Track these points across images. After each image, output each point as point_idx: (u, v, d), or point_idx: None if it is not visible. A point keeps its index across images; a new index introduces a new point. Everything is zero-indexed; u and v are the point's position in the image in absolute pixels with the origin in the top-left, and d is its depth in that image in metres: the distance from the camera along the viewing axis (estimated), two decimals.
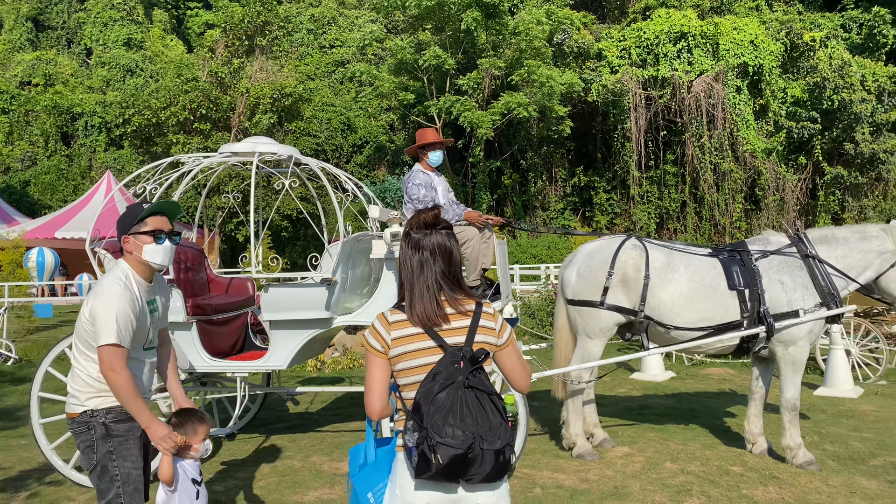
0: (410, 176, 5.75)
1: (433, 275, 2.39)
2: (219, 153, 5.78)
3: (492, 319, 2.44)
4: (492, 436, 2.21)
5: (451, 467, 2.19)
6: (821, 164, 28.12)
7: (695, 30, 29.24)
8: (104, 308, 2.98)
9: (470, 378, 2.25)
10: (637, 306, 5.65)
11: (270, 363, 5.47)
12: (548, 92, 27.50)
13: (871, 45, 30.03)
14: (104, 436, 3.07)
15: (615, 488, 5.01)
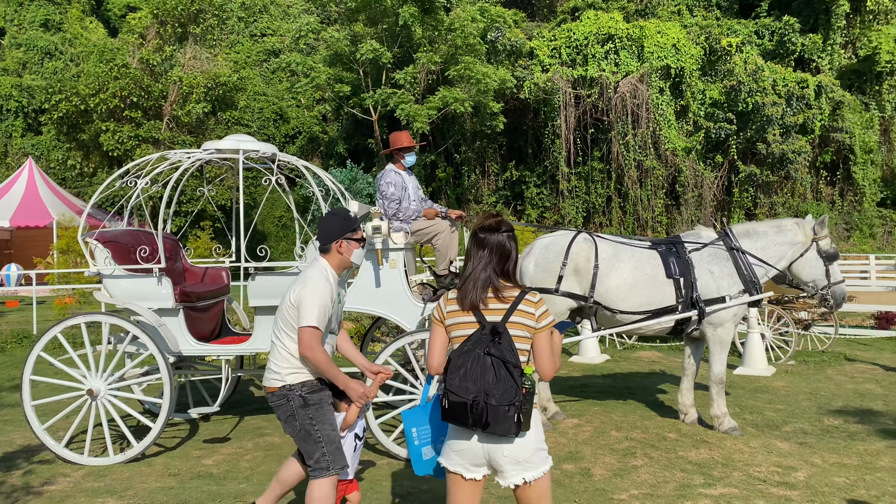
0: (384, 175, 6.21)
1: (488, 269, 2.88)
2: (203, 150, 6.06)
3: (533, 306, 2.86)
4: (496, 393, 2.65)
5: (456, 412, 2.70)
6: (736, 162, 29.89)
7: (621, 32, 30.52)
8: (310, 295, 3.55)
9: (491, 347, 2.74)
10: (587, 293, 6.32)
11: (255, 346, 5.81)
12: (483, 88, 28.20)
13: (781, 51, 32.07)
14: (302, 405, 3.62)
15: (570, 453, 5.65)
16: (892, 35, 30.43)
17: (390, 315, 5.86)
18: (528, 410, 2.72)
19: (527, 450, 2.78)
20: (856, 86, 31.30)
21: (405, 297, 5.80)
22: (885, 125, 30.92)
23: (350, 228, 3.74)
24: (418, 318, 5.81)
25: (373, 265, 5.78)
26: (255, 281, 5.67)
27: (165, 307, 5.71)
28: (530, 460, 2.79)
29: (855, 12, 31.77)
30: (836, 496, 4.64)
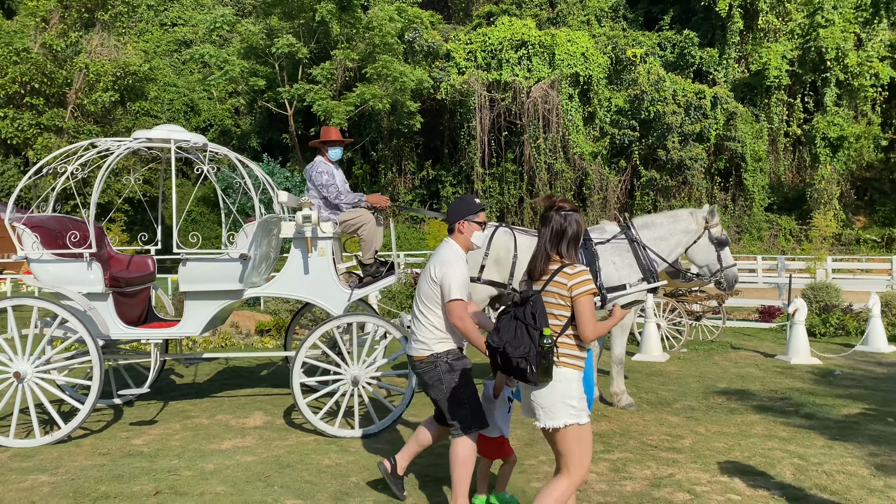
0: (315, 166, 6.45)
1: (545, 244, 3.40)
2: (133, 139, 6.14)
3: (566, 277, 3.31)
4: (514, 347, 3.20)
5: (492, 360, 3.35)
6: (638, 167, 31.49)
7: (534, 39, 31.58)
8: (452, 273, 3.94)
9: (517, 312, 3.29)
10: (507, 280, 6.82)
11: (184, 331, 5.94)
12: (400, 87, 28.59)
13: (681, 63, 34.01)
14: (448, 370, 4.04)
15: None
16: (780, 52, 32.83)
17: (318, 301, 6.12)
18: (544, 365, 3.18)
19: (549, 399, 3.26)
20: (747, 98, 33.59)
21: (333, 284, 6.08)
22: (773, 136, 33.33)
23: (472, 212, 4.14)
24: (345, 303, 6.12)
25: (302, 253, 6.05)
26: (185, 266, 5.83)
27: (95, 291, 5.78)
28: (552, 409, 3.25)
29: (748, 29, 34.07)
30: (716, 457, 5.30)
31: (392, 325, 5.99)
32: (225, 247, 6.19)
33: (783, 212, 32.42)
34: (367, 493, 4.54)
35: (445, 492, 4.58)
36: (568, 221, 3.39)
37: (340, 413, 5.87)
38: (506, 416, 4.23)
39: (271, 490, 4.56)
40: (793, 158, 33.86)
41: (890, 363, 9.49)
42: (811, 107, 33.10)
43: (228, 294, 5.97)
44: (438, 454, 5.28)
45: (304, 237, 6.01)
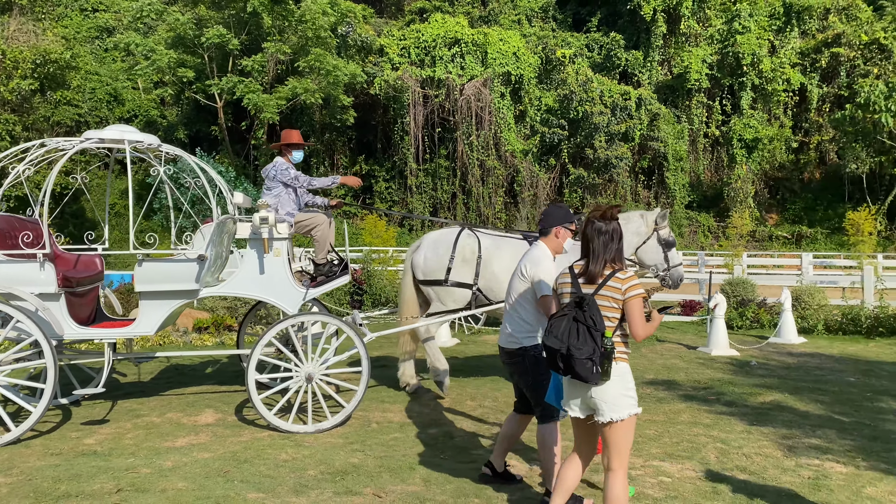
0: (278, 165, 6.58)
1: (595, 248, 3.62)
2: (85, 138, 6.09)
3: (620, 282, 3.55)
4: (578, 348, 3.41)
5: (549, 361, 3.56)
6: (567, 165, 32.40)
7: (467, 37, 32.00)
8: (545, 272, 4.34)
9: (577, 313, 3.50)
10: (472, 281, 7.10)
11: (139, 330, 5.97)
12: (333, 81, 28.46)
13: (608, 64, 35.14)
14: (535, 363, 4.38)
15: (432, 420, 6.40)
16: (700, 56, 34.34)
17: (274, 300, 6.24)
18: (606, 364, 3.44)
19: (612, 394, 3.51)
20: (670, 100, 35.02)
21: (288, 284, 6.22)
22: (693, 136, 34.88)
23: (569, 220, 4.57)
24: (300, 302, 6.26)
25: (258, 253, 6.17)
26: (141, 267, 5.86)
27: (48, 292, 5.74)
28: (616, 402, 3.51)
29: (671, 34, 35.50)
30: (647, 444, 5.74)
31: (345, 322, 6.17)
32: (174, 246, 6.23)
33: (702, 209, 33.97)
34: (326, 484, 4.74)
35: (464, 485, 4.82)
36: (616, 229, 3.67)
37: (294, 409, 6.03)
38: None
39: (232, 485, 4.70)
40: (711, 158, 35.52)
41: (799, 353, 10.27)
42: (729, 109, 34.79)
43: (184, 294, 6.03)
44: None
45: (259, 238, 6.12)
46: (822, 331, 12.05)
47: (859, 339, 11.65)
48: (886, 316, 11.82)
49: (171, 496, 4.48)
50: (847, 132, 29.97)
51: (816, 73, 34.20)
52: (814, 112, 34.49)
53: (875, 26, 33.67)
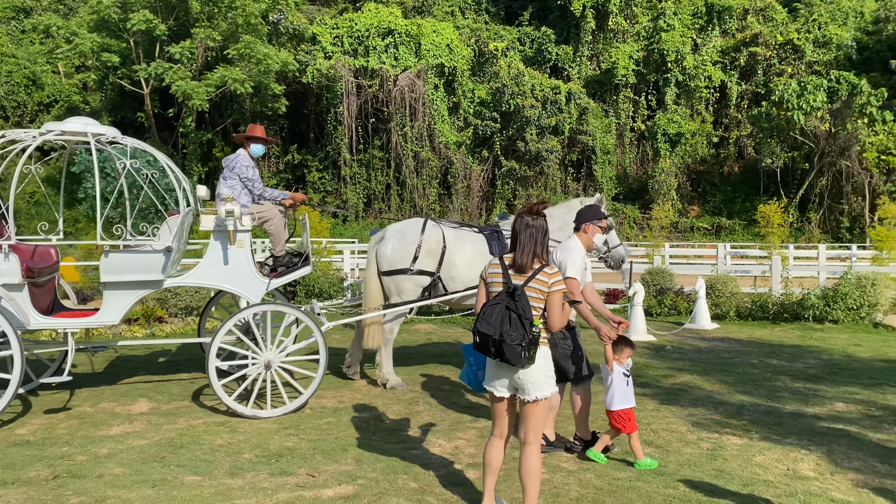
0: (240, 159, 6.74)
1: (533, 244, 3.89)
2: (46, 130, 6.08)
3: (547, 276, 3.85)
4: (510, 335, 3.69)
5: (481, 346, 3.81)
6: (499, 157, 32.95)
7: (400, 28, 32.07)
8: (571, 258, 5.03)
9: (509, 303, 3.77)
10: (435, 269, 7.33)
11: (103, 319, 6.10)
12: (264, 69, 28.10)
13: (539, 59, 35.83)
14: (563, 338, 5.22)
15: (364, 405, 6.66)
16: (627, 52, 35.40)
17: (237, 290, 6.43)
18: (533, 350, 3.75)
19: (537, 375, 3.84)
20: (598, 94, 36.00)
21: (251, 274, 6.41)
22: (620, 130, 35.97)
23: (598, 218, 5.25)
24: (263, 292, 6.47)
25: (221, 244, 6.35)
26: (107, 258, 5.98)
27: (13, 282, 5.80)
28: (540, 382, 3.85)
29: (599, 30, 36.45)
30: (567, 422, 6.15)
31: (303, 312, 6.39)
32: (132, 236, 6.34)
33: (628, 201, 35.12)
34: (261, 466, 4.95)
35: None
36: (542, 225, 3.96)
37: (253, 395, 6.29)
38: (627, 390, 5.15)
39: (169, 469, 4.86)
40: (637, 152, 36.72)
41: (712, 338, 10.98)
42: (654, 104, 36.03)
43: (150, 284, 6.20)
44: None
45: (224, 230, 6.30)
46: (734, 317, 12.85)
47: (766, 324, 12.49)
48: (791, 303, 12.71)
49: (108, 481, 4.61)
50: (763, 128, 31.52)
51: (736, 71, 35.76)
52: (733, 108, 36.08)
53: (789, 27, 35.44)
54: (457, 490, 4.54)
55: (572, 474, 4.87)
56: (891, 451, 5.42)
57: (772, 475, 4.86)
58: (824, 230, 31.59)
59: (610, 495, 4.46)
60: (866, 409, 6.69)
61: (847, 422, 6.22)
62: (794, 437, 5.74)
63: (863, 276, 12.69)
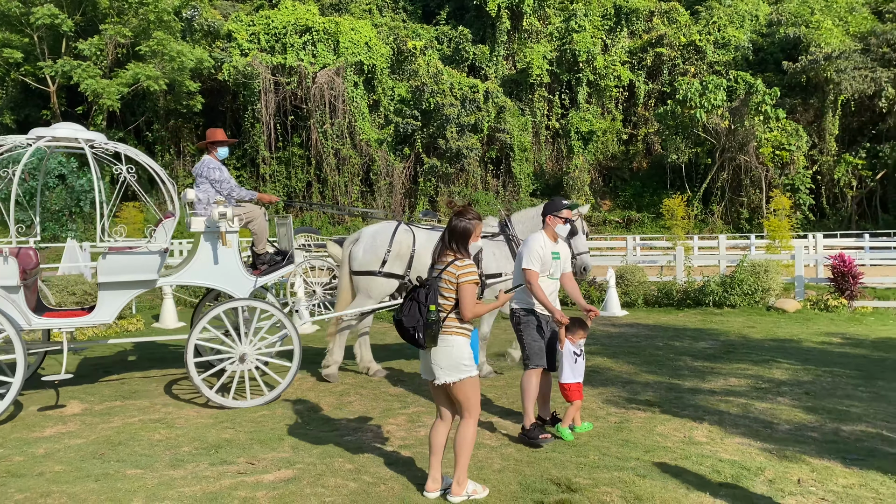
0: (206, 163, 7.02)
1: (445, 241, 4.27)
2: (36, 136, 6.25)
3: (456, 268, 4.16)
4: (407, 319, 4.12)
5: (399, 332, 4.19)
6: (421, 155, 33.39)
7: (318, 25, 31.99)
8: (528, 249, 5.45)
9: (414, 293, 4.17)
10: (405, 272, 7.55)
11: (98, 319, 6.33)
12: (178, 66, 27.54)
13: (457, 57, 36.45)
14: (518, 323, 5.59)
15: (297, 397, 6.94)
16: (541, 53, 36.47)
17: (227, 288, 6.74)
18: (430, 333, 4.09)
19: (447, 361, 4.16)
20: (514, 93, 36.94)
21: (239, 272, 6.75)
22: (536, 128, 37.04)
23: (557, 209, 5.61)
24: (251, 289, 6.80)
25: (211, 245, 6.65)
26: (105, 259, 6.23)
27: (11, 285, 5.99)
28: (450, 368, 4.15)
29: (514, 30, 37.38)
30: (487, 405, 6.62)
31: (279, 310, 6.71)
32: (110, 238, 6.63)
33: (545, 196, 36.21)
34: (201, 457, 5.18)
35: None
36: (462, 225, 4.26)
37: (233, 388, 6.68)
38: (576, 367, 5.60)
39: (109, 464, 5.02)
40: (552, 149, 37.91)
41: (621, 324, 11.74)
42: (567, 103, 37.26)
43: (144, 284, 6.47)
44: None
45: (214, 231, 6.59)
46: (642, 304, 13.72)
47: (671, 310, 13.41)
48: (693, 290, 13.67)
49: (50, 478, 4.74)
50: (669, 126, 33.16)
51: (643, 71, 37.41)
52: (641, 107, 37.74)
53: (692, 29, 37.36)
54: (390, 468, 4.91)
55: (495, 449, 5.32)
56: (773, 418, 6.14)
57: (670, 442, 5.46)
58: (726, 221, 33.55)
59: (528, 466, 4.93)
60: (755, 382, 7.47)
61: (737, 394, 6.95)
62: (690, 410, 6.39)
63: (757, 263, 13.78)
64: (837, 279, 13.27)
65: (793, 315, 12.66)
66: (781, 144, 30.95)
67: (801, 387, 7.25)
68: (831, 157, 33.20)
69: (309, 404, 6.75)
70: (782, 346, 9.65)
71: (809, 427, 5.84)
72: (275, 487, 4.56)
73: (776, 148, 31.05)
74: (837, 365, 8.36)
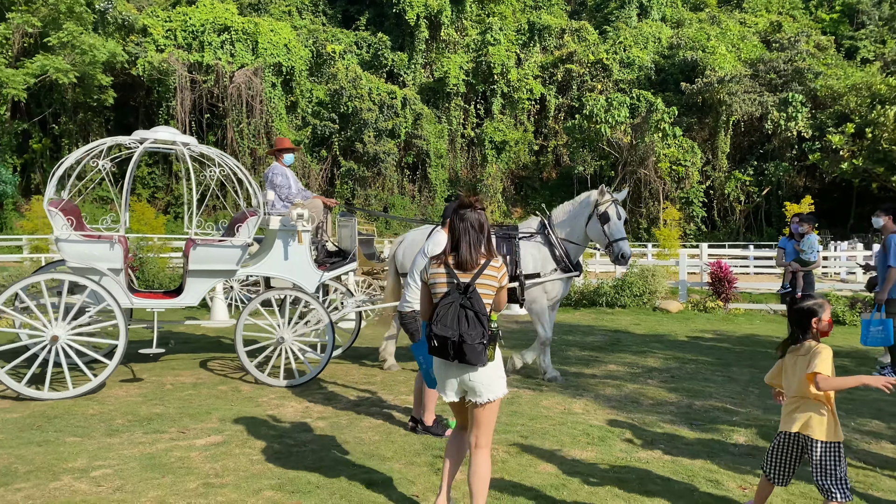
0: (272, 169, 8.03)
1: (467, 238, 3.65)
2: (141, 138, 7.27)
3: (495, 270, 3.63)
4: (469, 334, 3.47)
5: (439, 349, 3.54)
6: (338, 158, 33.84)
7: (237, 25, 31.99)
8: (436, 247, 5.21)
9: (463, 300, 3.54)
10: None
11: (185, 301, 7.15)
12: (89, 59, 27.00)
13: (376, 63, 37.11)
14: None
15: (220, 380, 7.50)
16: (458, 63, 37.62)
17: (297, 280, 7.52)
18: (492, 347, 3.56)
19: (489, 376, 3.62)
20: (431, 101, 37.93)
21: (309, 267, 7.55)
22: (452, 136, 38.14)
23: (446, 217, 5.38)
24: (317, 283, 7.59)
25: (284, 241, 7.47)
26: (196, 250, 7.04)
27: (116, 268, 6.83)
28: (492, 384, 3.63)
29: (433, 40, 38.41)
30: (399, 388, 7.39)
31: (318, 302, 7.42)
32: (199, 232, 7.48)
33: None
34: (135, 428, 5.72)
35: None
36: (484, 218, 3.74)
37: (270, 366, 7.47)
38: None
39: (49, 434, 5.49)
40: (467, 157, 39.12)
41: (523, 322, 12.76)
42: (482, 113, 38.57)
43: (226, 273, 7.33)
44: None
45: (290, 229, 7.38)
46: None
47: (569, 309, 14.58)
48: (589, 291, 14.91)
49: None
50: (576, 139, 34.94)
51: (554, 86, 39.18)
52: (551, 119, 39.50)
53: (600, 48, 39.43)
54: (309, 435, 5.61)
55: (399, 425, 6.10)
56: (640, 395, 7.20)
57: (552, 413, 6.39)
58: (627, 230, 35.48)
59: (431, 437, 5.75)
60: (630, 368, 8.56)
61: (615, 378, 8.01)
62: (573, 389, 7.38)
63: (646, 268, 15.17)
64: (715, 284, 14.80)
65: (675, 315, 14.07)
66: (678, 160, 33.21)
67: (668, 372, 8.39)
68: (723, 173, 35.83)
69: (233, 384, 7.34)
70: (660, 339, 10.89)
71: (669, 403, 6.92)
72: (207, 449, 5.18)
73: (673, 163, 33.29)
74: (703, 355, 9.61)
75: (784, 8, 48.87)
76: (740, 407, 6.78)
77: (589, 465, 5.00)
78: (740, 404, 6.89)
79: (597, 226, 7.50)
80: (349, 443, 5.43)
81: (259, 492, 4.38)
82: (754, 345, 10.68)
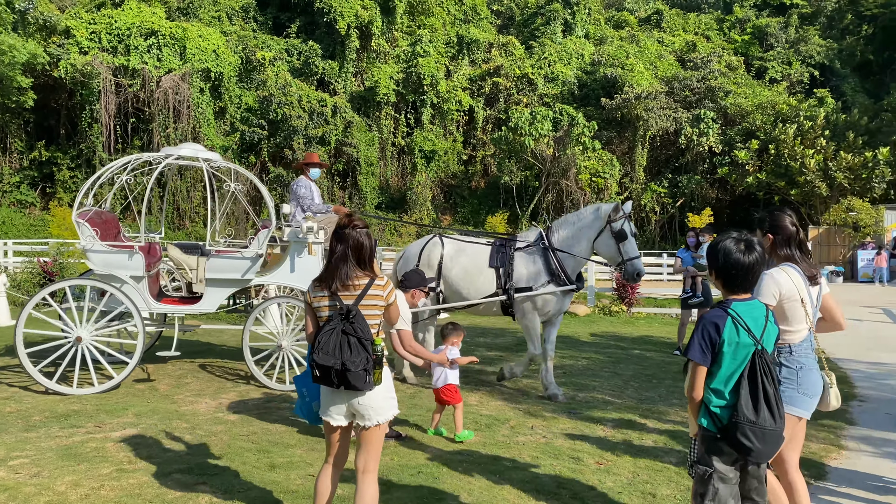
0: (297, 181, 8.32)
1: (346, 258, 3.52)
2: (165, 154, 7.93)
3: (381, 289, 3.54)
4: (352, 361, 3.35)
5: (322, 378, 3.42)
6: (267, 164, 33.86)
7: (165, 29, 31.70)
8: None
9: (345, 326, 3.40)
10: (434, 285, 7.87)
11: (203, 308, 7.62)
12: (9, 61, 26.36)
13: (306, 71, 37.28)
14: None
15: (137, 380, 7.85)
16: (388, 73, 38.19)
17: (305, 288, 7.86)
18: (378, 371, 3.45)
19: (378, 399, 3.53)
20: (362, 110, 38.35)
21: None
22: (382, 144, 38.64)
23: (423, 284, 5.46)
24: None
25: (296, 252, 7.79)
26: (210, 260, 7.57)
27: (138, 275, 7.38)
28: (381, 406, 3.55)
29: (364, 49, 38.86)
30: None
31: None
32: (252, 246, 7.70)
33: (390, 210, 37.87)
34: (53, 423, 6.07)
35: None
36: (363, 237, 3.59)
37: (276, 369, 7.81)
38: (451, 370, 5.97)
39: None
40: (398, 165, 39.69)
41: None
42: (412, 122, 39.24)
43: (240, 282, 7.73)
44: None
45: (302, 241, 7.75)
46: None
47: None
48: None
49: None
50: (503, 150, 35.98)
51: (482, 98, 40.21)
52: (480, 130, 40.51)
53: (526, 63, 40.72)
54: (219, 427, 6.09)
55: None
56: (531, 389, 7.94)
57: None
58: None
59: None
60: (530, 366, 9.31)
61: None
62: (473, 384, 8.06)
63: None
64: (619, 289, 15.82)
65: (582, 318, 15.00)
66: (598, 172, 34.65)
67: (562, 369, 9.19)
68: (640, 185, 37.54)
69: (150, 384, 7.72)
70: (564, 340, 11.72)
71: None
72: (122, 440, 5.60)
73: (593, 175, 34.71)
74: (597, 354, 10.48)
75: (700, 28, 51.46)
76: (617, 398, 7.60)
77: (472, 450, 5.67)
78: (618, 396, 7.72)
79: (611, 242, 7.32)
80: (257, 433, 5.94)
81: (168, 475, 4.85)
82: (645, 345, 11.64)
